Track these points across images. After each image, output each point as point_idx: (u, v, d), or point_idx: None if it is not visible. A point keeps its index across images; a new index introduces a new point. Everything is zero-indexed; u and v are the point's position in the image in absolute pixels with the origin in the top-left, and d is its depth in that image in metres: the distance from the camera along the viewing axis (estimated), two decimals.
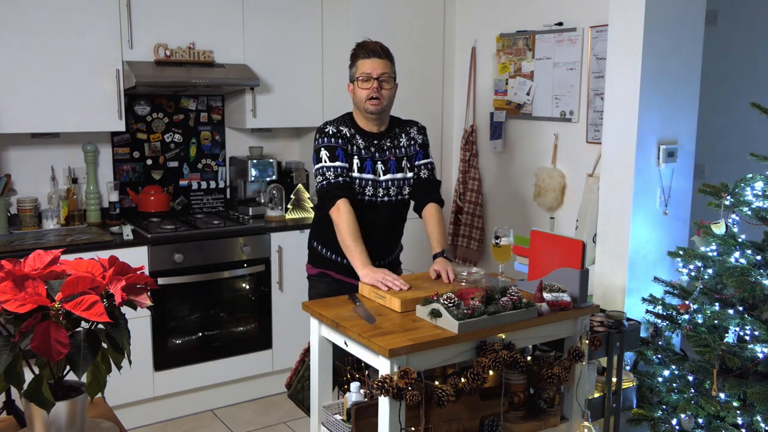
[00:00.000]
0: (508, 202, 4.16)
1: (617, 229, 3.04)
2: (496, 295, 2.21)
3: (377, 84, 2.64)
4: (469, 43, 4.31)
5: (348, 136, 2.71)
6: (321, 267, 2.86)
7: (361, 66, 2.68)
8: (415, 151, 2.82)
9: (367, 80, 2.65)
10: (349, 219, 2.59)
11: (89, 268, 1.41)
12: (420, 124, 2.89)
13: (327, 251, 2.82)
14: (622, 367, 2.70)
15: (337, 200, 2.61)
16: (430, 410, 2.07)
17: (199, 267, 3.70)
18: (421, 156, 2.83)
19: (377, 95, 2.65)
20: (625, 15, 2.95)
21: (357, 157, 2.70)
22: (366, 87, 2.66)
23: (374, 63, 2.65)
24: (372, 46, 2.69)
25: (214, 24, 3.93)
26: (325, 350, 2.36)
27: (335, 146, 2.68)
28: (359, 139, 2.72)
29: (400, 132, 2.82)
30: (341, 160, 2.67)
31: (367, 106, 2.67)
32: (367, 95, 2.65)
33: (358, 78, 2.68)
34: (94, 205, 3.83)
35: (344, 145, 2.69)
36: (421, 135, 2.86)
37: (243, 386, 3.95)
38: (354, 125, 2.75)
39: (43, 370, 1.35)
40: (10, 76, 3.40)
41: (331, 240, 2.70)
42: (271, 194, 4.10)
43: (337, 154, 2.67)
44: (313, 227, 2.95)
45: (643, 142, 2.97)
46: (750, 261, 2.62)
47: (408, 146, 2.81)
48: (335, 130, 2.71)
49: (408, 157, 2.80)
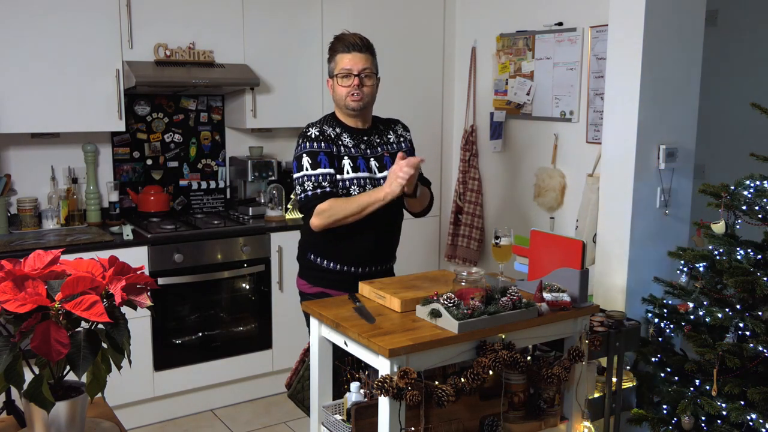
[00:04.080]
0: (508, 202, 4.16)
1: (617, 229, 3.04)
2: (496, 295, 2.21)
3: (358, 81, 2.52)
4: (469, 43, 4.31)
5: (333, 137, 2.57)
6: (320, 285, 2.65)
7: (340, 61, 2.54)
8: (406, 149, 2.74)
9: (347, 76, 2.53)
10: (336, 202, 2.46)
11: (89, 268, 1.41)
12: (403, 123, 2.82)
13: (325, 261, 2.64)
14: (622, 367, 2.70)
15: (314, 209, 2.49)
16: (430, 410, 2.07)
17: (199, 267, 3.70)
18: (412, 154, 2.75)
19: (358, 92, 2.53)
20: (625, 15, 2.95)
21: (347, 157, 2.57)
22: (346, 84, 2.53)
23: (354, 58, 2.52)
24: (351, 39, 2.54)
25: (214, 24, 3.93)
26: (325, 350, 2.36)
27: (317, 151, 2.52)
28: (346, 138, 2.59)
29: (385, 129, 2.73)
30: (324, 165, 2.51)
31: (348, 102, 2.55)
32: (348, 92, 2.53)
33: (337, 74, 2.55)
34: (94, 205, 3.83)
35: (328, 148, 2.54)
36: (408, 133, 2.79)
37: (243, 386, 3.95)
38: (339, 123, 2.62)
39: (43, 370, 1.35)
40: (10, 76, 3.40)
41: (329, 247, 2.60)
42: (271, 194, 4.10)
43: (319, 160, 2.51)
44: (305, 237, 2.73)
45: (643, 142, 2.97)
46: (750, 261, 2.62)
47: (398, 143, 2.72)
48: (318, 132, 2.56)
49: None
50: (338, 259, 2.62)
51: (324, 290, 2.63)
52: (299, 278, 2.76)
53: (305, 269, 2.72)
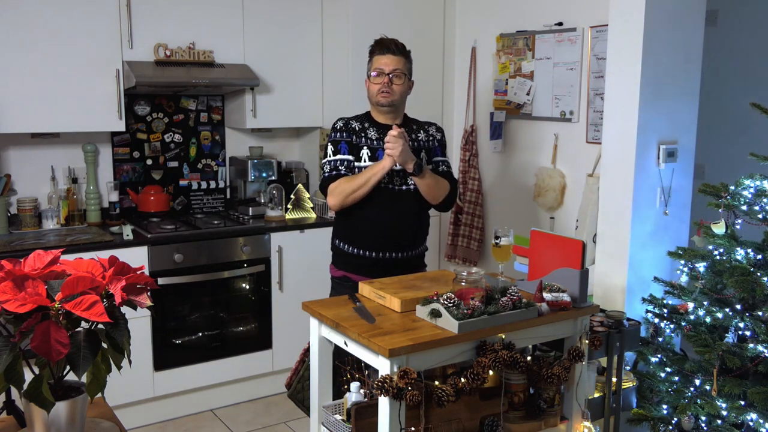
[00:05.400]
0: (508, 202, 4.16)
1: (617, 229, 3.04)
2: (496, 295, 2.21)
3: (388, 79, 2.76)
4: (469, 43, 4.31)
5: (357, 129, 2.83)
6: (344, 269, 2.89)
7: (375, 62, 2.80)
8: (433, 146, 2.91)
9: (379, 75, 2.77)
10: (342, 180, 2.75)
11: (89, 268, 1.41)
12: (439, 125, 3.00)
13: (349, 246, 2.86)
14: (622, 367, 2.70)
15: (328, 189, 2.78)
16: (430, 410, 2.07)
17: (199, 267, 3.70)
18: (439, 153, 2.92)
19: (387, 89, 2.77)
20: (625, 15, 2.95)
21: (367, 147, 2.80)
22: (378, 82, 2.78)
23: (388, 59, 2.78)
24: (387, 43, 2.81)
25: (214, 24, 3.93)
26: (325, 350, 2.36)
27: (339, 140, 2.82)
28: (372, 132, 2.83)
29: (418, 129, 2.91)
30: (343, 152, 2.80)
31: (378, 99, 2.79)
32: (378, 89, 2.78)
33: (371, 73, 2.80)
34: (94, 205, 3.83)
35: (349, 137, 2.82)
36: (440, 133, 2.97)
37: (243, 386, 3.95)
38: (369, 119, 2.87)
39: (43, 370, 1.35)
40: (10, 76, 3.40)
41: (352, 233, 2.83)
42: (271, 194, 4.10)
43: (339, 148, 2.81)
44: (334, 224, 2.99)
45: (643, 142, 2.97)
46: (750, 261, 2.62)
47: (426, 140, 2.91)
48: (343, 123, 2.85)
49: (427, 150, 2.87)
50: (357, 244, 2.83)
51: (346, 274, 2.87)
52: (331, 264, 2.98)
53: (334, 254, 2.97)
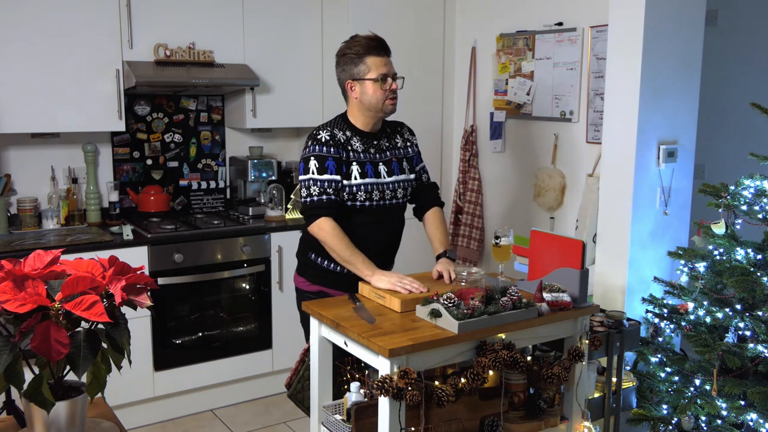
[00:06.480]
0: (508, 202, 4.16)
1: (617, 229, 3.04)
2: (496, 295, 2.21)
3: (396, 85, 2.56)
4: (469, 43, 4.31)
5: (342, 142, 2.55)
6: (319, 283, 2.66)
7: (375, 65, 2.52)
8: (413, 153, 2.77)
9: (385, 80, 2.53)
10: (337, 233, 2.46)
11: (89, 268, 1.41)
12: (408, 126, 2.83)
13: (326, 262, 2.63)
14: (622, 367, 2.70)
15: (317, 219, 2.48)
16: (430, 410, 2.07)
17: (199, 267, 3.70)
18: (418, 160, 2.79)
19: (395, 96, 2.56)
20: (625, 15, 2.95)
21: (356, 163, 2.55)
22: (385, 88, 2.53)
23: (386, 61, 2.54)
24: (381, 42, 2.56)
25: (214, 24, 3.93)
26: (325, 350, 2.36)
27: (326, 156, 2.51)
28: (356, 142, 2.58)
29: (393, 132, 2.74)
30: (331, 172, 2.50)
31: (386, 107, 2.56)
32: (386, 96, 2.54)
33: (373, 78, 2.52)
34: (94, 205, 3.83)
35: (337, 154, 2.52)
36: (413, 136, 2.81)
37: (243, 386, 3.95)
38: (350, 127, 2.60)
39: (43, 370, 1.35)
40: (10, 76, 3.40)
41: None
42: (271, 194, 4.10)
43: (326, 166, 2.50)
44: (307, 236, 2.66)
45: (643, 142, 2.97)
46: (750, 261, 2.62)
47: (404, 147, 2.75)
48: (328, 136, 2.53)
49: (407, 158, 2.74)
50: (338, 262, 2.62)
51: (323, 289, 2.64)
52: (297, 275, 2.75)
53: (305, 267, 2.72)
